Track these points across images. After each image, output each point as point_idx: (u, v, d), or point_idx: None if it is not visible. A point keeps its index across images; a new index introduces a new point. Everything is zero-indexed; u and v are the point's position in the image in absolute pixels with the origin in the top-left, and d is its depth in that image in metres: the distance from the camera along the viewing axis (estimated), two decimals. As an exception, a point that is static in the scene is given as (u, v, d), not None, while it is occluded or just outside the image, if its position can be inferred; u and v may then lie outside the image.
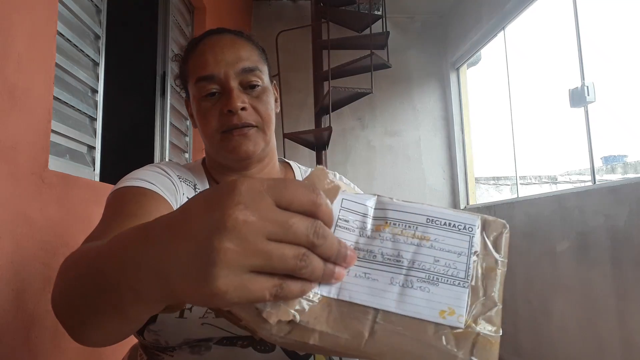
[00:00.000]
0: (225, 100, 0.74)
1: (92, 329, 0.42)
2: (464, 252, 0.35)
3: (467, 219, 0.36)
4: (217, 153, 0.79)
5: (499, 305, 0.34)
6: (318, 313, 0.34)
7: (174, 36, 2.40)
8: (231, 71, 0.75)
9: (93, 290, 0.39)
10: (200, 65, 0.76)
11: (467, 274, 0.34)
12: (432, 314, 0.33)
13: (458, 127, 4.39)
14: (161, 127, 2.29)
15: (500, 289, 0.35)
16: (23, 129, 1.07)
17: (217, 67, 0.75)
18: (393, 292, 0.34)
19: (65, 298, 0.44)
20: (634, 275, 2.18)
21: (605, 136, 4.01)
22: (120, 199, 0.67)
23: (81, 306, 0.42)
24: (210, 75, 0.75)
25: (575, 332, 2.59)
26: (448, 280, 0.34)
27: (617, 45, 5.86)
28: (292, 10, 4.52)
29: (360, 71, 3.45)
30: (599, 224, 2.41)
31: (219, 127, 0.75)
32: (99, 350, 1.38)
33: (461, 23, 4.22)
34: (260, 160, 0.82)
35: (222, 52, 0.76)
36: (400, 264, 0.35)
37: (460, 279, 0.34)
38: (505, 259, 0.36)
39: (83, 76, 1.45)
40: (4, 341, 0.97)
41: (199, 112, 0.77)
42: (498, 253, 0.36)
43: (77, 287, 0.42)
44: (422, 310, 0.33)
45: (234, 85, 0.75)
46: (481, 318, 0.33)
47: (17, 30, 1.05)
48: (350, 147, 4.39)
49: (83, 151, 1.46)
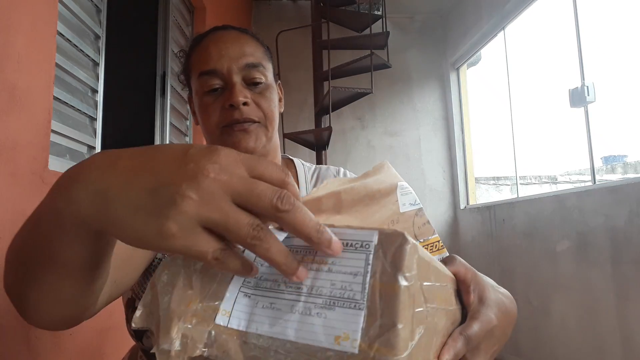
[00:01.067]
0: (227, 95, 0.73)
1: (30, 286, 0.40)
2: (360, 272, 0.33)
3: (363, 235, 0.34)
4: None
5: (399, 326, 0.30)
6: (226, 347, 0.33)
7: (174, 36, 2.40)
8: (234, 66, 0.74)
9: (33, 228, 0.37)
10: (203, 60, 0.75)
11: (363, 295, 0.32)
12: (328, 340, 0.31)
13: (458, 127, 4.39)
14: (161, 127, 2.29)
15: (404, 308, 0.31)
16: (23, 129, 1.07)
17: (220, 61, 0.73)
18: (293, 320, 0.33)
19: (13, 254, 0.41)
20: (634, 275, 2.18)
21: (605, 136, 4.01)
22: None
23: (21, 259, 0.40)
24: (212, 70, 0.73)
25: (575, 332, 2.59)
26: (344, 304, 0.32)
27: (617, 45, 5.86)
28: (292, 10, 4.52)
29: (360, 71, 3.46)
30: (599, 224, 2.41)
31: (220, 121, 0.74)
32: (99, 350, 1.38)
33: (461, 23, 4.22)
34: (263, 157, 0.81)
35: (226, 47, 0.75)
36: (301, 291, 0.34)
37: (356, 301, 0.32)
38: (410, 273, 0.32)
39: (83, 76, 1.45)
40: (4, 341, 0.97)
41: (201, 106, 0.76)
42: (396, 268, 0.32)
43: (22, 237, 0.39)
44: (319, 337, 0.31)
45: (236, 80, 0.73)
46: (377, 341, 0.30)
47: (17, 30, 1.05)
48: (350, 147, 4.39)
49: (83, 151, 1.46)
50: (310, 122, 3.45)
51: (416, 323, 0.32)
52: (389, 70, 3.75)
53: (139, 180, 0.30)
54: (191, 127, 2.63)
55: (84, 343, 1.29)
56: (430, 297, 0.34)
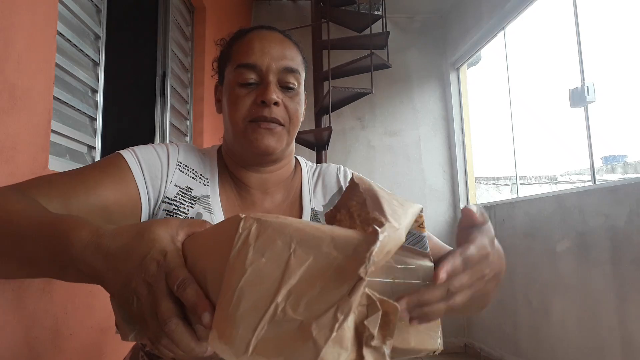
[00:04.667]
0: (261, 91, 0.74)
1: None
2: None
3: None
4: (238, 142, 0.78)
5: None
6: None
7: (174, 36, 2.40)
8: (274, 65, 0.75)
9: (25, 242, 0.49)
10: (245, 52, 0.76)
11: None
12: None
13: (458, 127, 4.39)
14: (161, 127, 2.29)
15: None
16: (23, 129, 1.07)
17: (261, 58, 0.75)
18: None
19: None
20: (634, 275, 2.18)
21: (605, 136, 4.00)
22: (100, 161, 0.73)
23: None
24: (252, 64, 0.75)
25: (575, 332, 2.59)
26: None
27: (617, 45, 5.85)
28: (292, 10, 4.52)
29: (360, 71, 3.46)
30: (599, 224, 2.41)
31: (247, 115, 0.75)
32: (99, 350, 1.38)
33: (461, 23, 4.22)
34: (277, 160, 0.81)
35: (270, 45, 0.76)
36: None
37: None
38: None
39: (83, 76, 1.45)
40: (4, 341, 0.97)
41: (231, 96, 0.76)
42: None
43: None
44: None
45: (272, 80, 0.75)
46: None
47: (17, 30, 1.05)
48: (350, 147, 4.39)
49: (83, 151, 1.46)
50: (310, 122, 3.45)
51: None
52: (389, 70, 3.75)
53: (118, 276, 0.43)
54: (191, 127, 2.63)
55: (84, 343, 1.29)
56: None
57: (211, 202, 0.76)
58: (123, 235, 0.44)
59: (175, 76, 2.42)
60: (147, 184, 0.72)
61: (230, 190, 0.81)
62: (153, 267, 0.41)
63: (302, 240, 0.38)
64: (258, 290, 0.37)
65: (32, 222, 0.50)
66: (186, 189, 0.76)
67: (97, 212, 0.64)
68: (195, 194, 0.76)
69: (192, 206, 0.74)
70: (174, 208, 0.73)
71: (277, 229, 0.39)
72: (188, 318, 0.41)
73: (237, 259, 0.39)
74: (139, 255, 0.42)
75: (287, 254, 0.38)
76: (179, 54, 2.47)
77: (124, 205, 0.68)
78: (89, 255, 0.44)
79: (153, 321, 0.41)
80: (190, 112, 2.63)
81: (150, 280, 0.41)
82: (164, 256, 0.42)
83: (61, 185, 0.63)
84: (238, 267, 0.38)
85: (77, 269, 0.45)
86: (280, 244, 0.38)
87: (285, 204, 0.83)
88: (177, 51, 2.44)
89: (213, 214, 0.75)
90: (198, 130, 2.65)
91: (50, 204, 0.59)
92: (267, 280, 0.37)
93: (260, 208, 0.81)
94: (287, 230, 0.39)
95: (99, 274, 0.44)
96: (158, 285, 0.41)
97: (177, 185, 0.75)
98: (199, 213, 0.74)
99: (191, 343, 0.41)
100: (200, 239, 0.45)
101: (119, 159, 0.71)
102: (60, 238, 0.46)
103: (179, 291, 0.40)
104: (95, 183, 0.65)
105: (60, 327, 1.18)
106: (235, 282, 0.38)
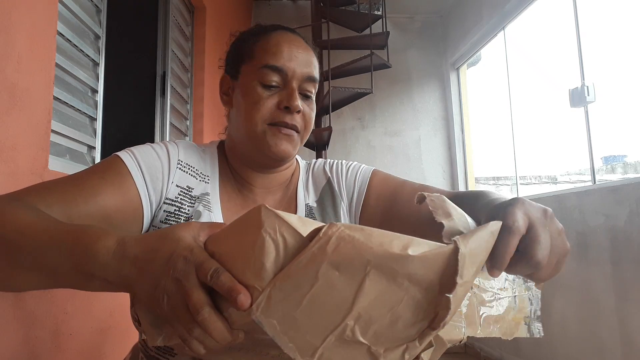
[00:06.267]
0: (286, 96, 0.74)
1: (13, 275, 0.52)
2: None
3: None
4: (252, 142, 0.77)
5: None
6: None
7: (174, 36, 2.40)
8: (299, 72, 0.76)
9: (48, 253, 0.49)
10: (273, 54, 0.75)
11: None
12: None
13: (458, 127, 4.39)
14: (161, 127, 2.29)
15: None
16: (23, 129, 1.07)
17: (289, 62, 0.75)
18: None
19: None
20: (634, 275, 2.18)
21: (605, 136, 4.00)
22: (98, 166, 0.71)
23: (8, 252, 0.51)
24: (280, 68, 0.75)
25: (575, 332, 2.59)
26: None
27: (617, 45, 5.86)
28: (292, 10, 4.52)
29: (360, 71, 3.46)
30: (599, 224, 2.41)
31: (268, 118, 0.74)
32: (99, 351, 1.38)
33: (461, 23, 4.22)
34: (284, 165, 0.82)
35: (298, 52, 0.77)
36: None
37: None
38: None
39: (83, 76, 1.45)
40: (4, 341, 0.97)
41: (252, 95, 0.75)
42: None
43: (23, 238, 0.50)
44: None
45: (295, 86, 0.75)
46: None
47: (17, 30, 1.05)
48: (350, 147, 4.39)
49: (83, 151, 1.46)
50: (310, 122, 3.44)
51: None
52: (389, 70, 3.75)
53: (145, 280, 0.45)
54: (191, 127, 2.63)
55: (84, 343, 1.29)
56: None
57: (211, 199, 0.76)
58: (147, 240, 0.46)
59: (175, 76, 2.42)
60: (148, 187, 0.71)
61: (231, 188, 0.81)
62: (181, 263, 0.43)
63: (378, 265, 0.38)
64: (329, 303, 0.38)
65: (50, 233, 0.50)
66: (187, 188, 0.75)
67: (98, 218, 0.63)
68: (196, 193, 0.76)
69: (192, 205, 0.74)
70: (174, 209, 0.73)
71: (357, 247, 0.38)
72: (219, 308, 0.42)
73: (310, 263, 0.38)
74: (165, 255, 0.43)
75: (361, 275, 0.38)
76: (179, 54, 2.47)
77: (125, 211, 0.67)
78: (116, 264, 0.45)
79: (185, 315, 0.42)
80: (190, 112, 2.63)
81: (179, 275, 0.42)
82: (191, 251, 0.43)
83: (61, 193, 0.62)
84: (310, 272, 0.38)
85: (103, 278, 0.46)
86: (356, 263, 0.38)
87: (284, 201, 0.84)
88: (177, 51, 2.44)
89: (212, 212, 0.75)
90: (198, 130, 2.65)
91: (51, 212, 0.59)
92: (338, 295, 0.38)
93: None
94: (365, 251, 0.38)
95: (128, 280, 0.45)
96: (188, 278, 0.42)
97: (179, 186, 0.75)
98: (197, 211, 0.74)
99: (224, 330, 0.42)
100: (221, 235, 0.46)
101: (118, 163, 0.70)
102: (86, 248, 0.47)
103: (212, 280, 0.41)
104: (94, 191, 0.64)
105: (61, 328, 1.18)
106: (306, 287, 0.38)
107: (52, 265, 0.49)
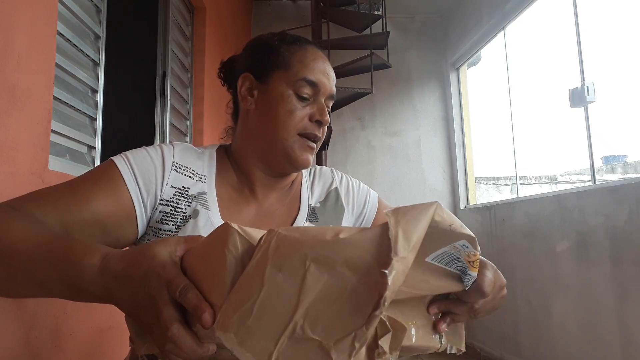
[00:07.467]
0: (318, 111, 0.80)
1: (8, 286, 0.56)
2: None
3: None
4: (276, 149, 0.79)
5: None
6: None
7: (174, 36, 2.40)
8: (329, 89, 0.81)
9: (43, 264, 0.52)
10: (311, 69, 0.80)
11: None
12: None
13: (458, 127, 4.39)
14: (161, 127, 2.29)
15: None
16: (23, 129, 1.07)
17: (325, 79, 0.80)
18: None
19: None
20: (634, 275, 2.18)
21: (605, 136, 4.00)
22: (93, 171, 0.73)
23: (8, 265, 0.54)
24: (316, 83, 0.79)
25: (575, 332, 2.59)
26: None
27: (617, 45, 5.86)
28: (292, 10, 4.52)
29: (360, 71, 3.46)
30: (599, 223, 2.41)
31: (300, 128, 0.79)
32: (99, 351, 1.38)
33: (461, 23, 4.22)
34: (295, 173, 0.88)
35: (329, 70, 0.83)
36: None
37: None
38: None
39: (83, 76, 1.45)
40: (4, 341, 0.97)
41: (288, 105, 0.78)
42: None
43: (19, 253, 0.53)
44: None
45: (323, 102, 0.81)
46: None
47: (17, 30, 1.05)
48: (350, 147, 4.39)
49: (83, 151, 1.46)
50: (310, 122, 3.44)
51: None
52: (389, 70, 3.75)
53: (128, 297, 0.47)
54: (191, 127, 2.63)
55: (84, 343, 1.29)
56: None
57: (208, 198, 0.77)
58: (128, 256, 0.48)
59: (175, 76, 2.42)
60: (141, 191, 0.72)
61: (231, 187, 0.82)
62: (154, 280, 0.45)
63: (315, 258, 0.39)
64: (277, 305, 0.39)
65: (40, 250, 0.53)
66: (182, 189, 0.76)
67: (92, 224, 0.66)
68: (192, 193, 0.77)
69: (189, 204, 0.75)
70: (170, 209, 0.74)
71: (294, 245, 0.40)
72: (189, 323, 0.45)
73: (256, 271, 0.40)
74: (141, 272, 0.46)
75: (302, 271, 0.39)
76: (179, 54, 2.47)
77: (119, 215, 0.70)
78: (100, 279, 0.48)
79: (158, 329, 0.44)
80: (190, 112, 2.63)
81: (152, 292, 0.45)
82: (163, 268, 0.46)
83: (55, 200, 0.65)
84: (256, 279, 0.40)
85: (90, 292, 0.50)
86: (295, 260, 0.39)
87: (287, 201, 0.87)
88: (177, 51, 2.44)
89: (210, 211, 0.76)
90: (198, 130, 2.65)
91: (46, 219, 0.62)
92: (284, 295, 0.39)
93: (260, 205, 0.83)
94: (301, 246, 0.40)
95: (111, 295, 0.48)
96: (160, 295, 0.44)
97: (173, 187, 0.76)
98: (195, 210, 0.75)
99: (193, 344, 0.44)
100: (195, 251, 0.47)
101: (111, 168, 0.72)
102: (72, 265, 0.50)
103: (180, 297, 0.43)
104: (87, 197, 0.67)
105: (61, 327, 1.18)
106: (255, 294, 0.40)
107: (43, 280, 0.52)
